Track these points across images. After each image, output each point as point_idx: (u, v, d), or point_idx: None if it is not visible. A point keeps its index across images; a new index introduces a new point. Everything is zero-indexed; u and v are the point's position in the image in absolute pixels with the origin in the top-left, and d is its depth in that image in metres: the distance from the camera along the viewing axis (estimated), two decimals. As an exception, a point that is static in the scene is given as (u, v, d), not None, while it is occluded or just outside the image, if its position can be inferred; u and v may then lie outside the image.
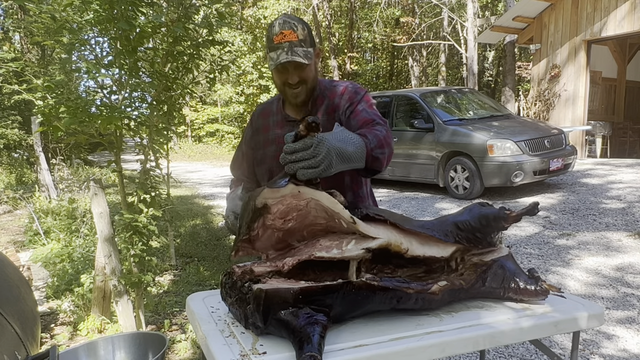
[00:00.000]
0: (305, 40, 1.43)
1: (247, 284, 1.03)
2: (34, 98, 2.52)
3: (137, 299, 2.84)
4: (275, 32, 1.41)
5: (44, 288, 3.92)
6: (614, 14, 8.91)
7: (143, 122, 2.69)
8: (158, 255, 4.67)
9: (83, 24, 2.41)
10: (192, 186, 10.13)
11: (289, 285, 1.01)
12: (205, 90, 18.06)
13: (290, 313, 0.98)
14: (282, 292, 0.99)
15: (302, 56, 1.41)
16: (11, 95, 10.96)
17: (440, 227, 1.25)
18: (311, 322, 0.96)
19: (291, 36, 1.41)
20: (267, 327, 1.00)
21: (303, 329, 0.95)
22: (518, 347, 2.75)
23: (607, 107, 11.25)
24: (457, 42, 17.00)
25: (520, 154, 6.28)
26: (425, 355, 1.03)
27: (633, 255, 4.09)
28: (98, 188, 2.73)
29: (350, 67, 21.50)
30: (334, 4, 21.28)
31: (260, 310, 0.99)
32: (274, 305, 0.99)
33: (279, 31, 1.41)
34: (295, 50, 1.41)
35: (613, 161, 9.01)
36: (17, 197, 7.91)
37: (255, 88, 19.04)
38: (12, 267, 2.22)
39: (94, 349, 2.08)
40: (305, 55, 1.42)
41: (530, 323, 1.15)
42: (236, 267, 1.09)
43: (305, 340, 0.93)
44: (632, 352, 2.64)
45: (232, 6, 18.76)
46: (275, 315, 0.99)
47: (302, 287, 1.00)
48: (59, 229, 5.34)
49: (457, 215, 1.31)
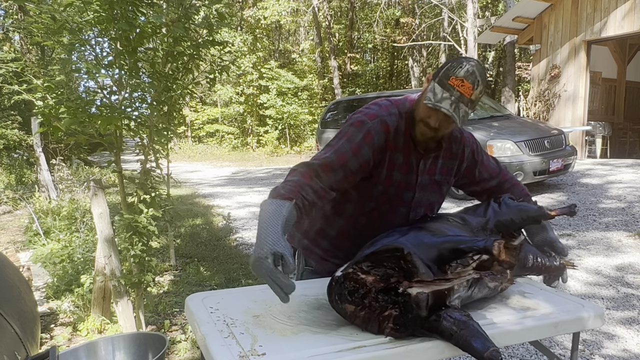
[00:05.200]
0: (473, 102, 1.31)
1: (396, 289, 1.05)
2: (34, 98, 2.52)
3: (137, 299, 2.84)
4: (458, 75, 1.28)
5: (44, 288, 3.91)
6: (614, 15, 8.91)
7: (143, 122, 2.69)
8: (158, 255, 4.67)
9: (83, 24, 2.41)
10: (192, 186, 10.13)
11: (442, 287, 1.04)
12: (205, 91, 18.06)
13: (443, 313, 1.01)
14: (438, 293, 1.02)
15: (460, 118, 1.30)
16: (11, 95, 10.98)
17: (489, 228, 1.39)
18: (465, 317, 1.01)
19: (468, 91, 1.28)
20: (419, 329, 1.02)
21: (465, 325, 0.98)
22: (518, 347, 2.75)
23: (607, 108, 11.24)
24: (457, 43, 17.00)
25: (520, 154, 6.27)
26: (425, 356, 1.02)
27: (633, 255, 4.09)
28: (98, 188, 2.73)
29: (350, 67, 21.50)
30: (334, 4, 21.28)
31: (425, 313, 1.01)
32: (434, 306, 1.01)
33: (463, 77, 1.28)
34: (460, 107, 1.29)
35: (613, 161, 9.00)
36: (17, 198, 7.91)
37: (255, 88, 19.04)
38: (12, 267, 2.22)
39: (94, 349, 2.08)
40: (464, 117, 1.31)
41: (530, 324, 1.15)
42: (352, 273, 1.10)
43: (474, 335, 0.96)
44: (633, 353, 2.63)
45: (232, 7, 18.81)
46: (431, 317, 1.01)
47: (448, 287, 1.03)
48: (59, 229, 5.33)
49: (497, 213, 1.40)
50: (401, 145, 1.43)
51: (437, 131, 1.38)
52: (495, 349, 0.92)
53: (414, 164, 1.46)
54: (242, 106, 19.60)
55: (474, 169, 1.61)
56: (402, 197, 1.47)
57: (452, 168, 1.55)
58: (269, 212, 1.15)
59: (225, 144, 20.46)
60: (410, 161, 1.45)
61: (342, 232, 1.53)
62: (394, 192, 1.46)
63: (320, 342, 1.01)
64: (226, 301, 1.26)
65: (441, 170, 1.52)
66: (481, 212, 1.42)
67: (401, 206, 1.48)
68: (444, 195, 1.58)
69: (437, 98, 1.29)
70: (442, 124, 1.35)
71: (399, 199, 1.47)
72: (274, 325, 1.10)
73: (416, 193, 1.48)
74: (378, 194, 1.45)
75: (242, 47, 17.41)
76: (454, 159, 1.54)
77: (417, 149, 1.45)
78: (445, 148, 1.51)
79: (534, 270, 1.40)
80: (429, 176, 1.50)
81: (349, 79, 21.47)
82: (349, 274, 1.10)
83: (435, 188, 1.53)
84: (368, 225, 1.48)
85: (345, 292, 1.09)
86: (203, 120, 21.43)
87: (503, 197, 1.46)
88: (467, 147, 1.57)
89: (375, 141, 1.39)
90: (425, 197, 1.51)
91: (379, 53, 24.11)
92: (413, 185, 1.47)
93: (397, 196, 1.46)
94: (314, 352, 0.97)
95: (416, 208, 1.51)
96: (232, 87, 19.17)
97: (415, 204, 1.50)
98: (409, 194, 1.48)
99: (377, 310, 1.05)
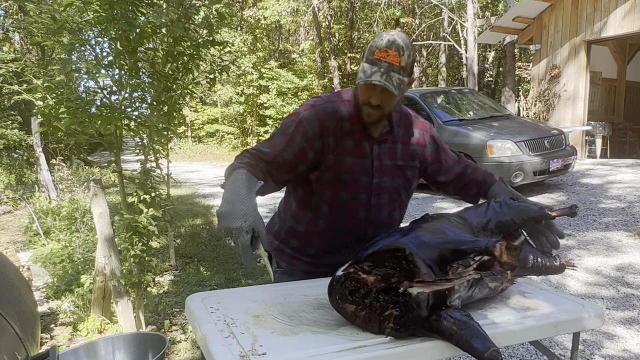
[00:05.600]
0: (405, 69, 1.33)
1: (397, 289, 1.04)
2: (34, 98, 2.52)
3: (137, 299, 2.84)
4: (380, 47, 1.31)
5: (44, 288, 3.91)
6: (614, 15, 8.91)
7: (143, 122, 2.69)
8: (158, 255, 4.67)
9: (83, 24, 2.41)
10: (192, 186, 10.13)
11: (443, 287, 1.03)
12: (205, 91, 18.07)
13: (444, 313, 1.01)
14: (439, 293, 1.01)
15: (394, 85, 1.31)
16: (11, 95, 10.98)
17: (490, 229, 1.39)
18: (465, 317, 1.00)
19: (394, 59, 1.30)
20: (420, 329, 1.02)
21: (466, 325, 0.98)
22: (518, 347, 2.75)
23: (607, 108, 11.25)
24: (457, 43, 17.00)
25: (520, 154, 6.27)
26: (425, 356, 1.02)
27: (633, 255, 4.09)
28: (98, 188, 2.73)
29: (350, 67, 21.50)
30: (334, 4, 21.28)
31: (425, 313, 1.00)
32: (434, 306, 1.01)
33: (385, 48, 1.31)
34: (391, 75, 1.31)
35: (613, 161, 9.00)
36: (17, 198, 7.91)
37: (255, 88, 19.03)
38: (12, 267, 2.22)
39: (94, 349, 2.08)
40: (399, 85, 1.33)
41: (530, 324, 1.15)
42: (353, 272, 1.09)
43: (474, 335, 0.96)
44: (633, 353, 2.63)
45: (232, 7, 18.81)
46: (431, 317, 1.01)
47: (449, 287, 1.03)
48: (59, 229, 5.33)
49: (498, 214, 1.40)
50: (348, 130, 1.45)
51: (381, 108, 1.39)
52: (495, 349, 0.92)
53: (367, 149, 1.47)
54: (242, 106, 19.59)
55: (439, 155, 1.63)
56: (360, 183, 1.47)
57: (415, 153, 1.56)
58: (242, 180, 1.25)
59: (226, 144, 20.46)
60: (362, 146, 1.46)
61: (310, 227, 1.53)
62: (350, 178, 1.46)
63: (321, 342, 1.01)
64: (226, 301, 1.26)
65: (403, 156, 1.53)
66: (482, 212, 1.42)
67: (361, 192, 1.47)
68: (410, 180, 1.57)
69: (367, 74, 1.32)
70: (384, 99, 1.37)
71: (356, 185, 1.47)
72: (275, 325, 1.10)
73: (374, 178, 1.48)
74: (331, 181, 1.46)
75: (242, 47, 17.40)
76: (416, 143, 1.56)
77: (368, 134, 1.47)
78: (403, 133, 1.53)
79: (534, 270, 1.40)
80: (390, 161, 1.50)
81: (349, 79, 21.46)
82: (350, 273, 1.10)
83: (398, 173, 1.52)
84: (331, 215, 1.49)
85: (346, 291, 1.09)
86: (203, 120, 21.43)
87: (504, 197, 1.46)
88: (426, 132, 1.60)
89: (307, 129, 1.42)
90: (386, 182, 1.50)
91: (379, 53, 24.06)
92: (369, 170, 1.47)
93: (354, 182, 1.46)
94: (315, 352, 0.97)
95: (379, 194, 1.49)
96: (232, 87, 19.16)
97: (376, 189, 1.49)
98: (366, 179, 1.47)
99: (377, 310, 1.05)
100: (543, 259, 1.40)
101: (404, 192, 1.57)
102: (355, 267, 1.11)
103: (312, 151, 1.43)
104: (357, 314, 1.07)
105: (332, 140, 1.44)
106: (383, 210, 1.51)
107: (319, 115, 1.44)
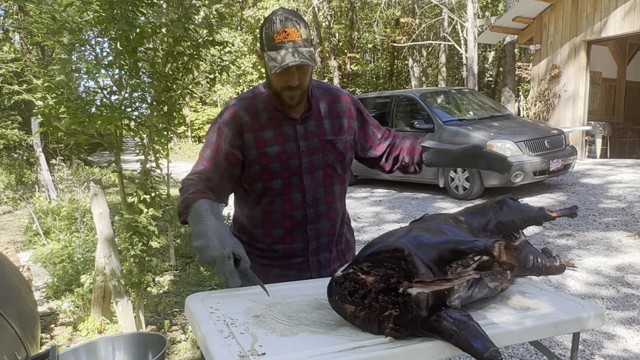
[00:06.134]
0: (308, 40, 1.33)
1: (396, 289, 1.04)
2: (34, 98, 2.52)
3: (137, 299, 2.84)
4: (277, 30, 1.29)
5: (44, 288, 3.92)
6: (614, 15, 8.91)
7: (143, 122, 2.69)
8: (158, 255, 4.67)
9: (83, 24, 2.41)
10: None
11: (442, 287, 1.03)
12: (205, 91, 18.05)
13: (443, 313, 1.01)
14: (439, 293, 1.01)
15: (308, 58, 1.31)
16: (11, 95, 10.98)
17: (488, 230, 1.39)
18: (465, 317, 1.00)
19: (295, 35, 1.29)
20: (419, 329, 1.02)
21: (465, 325, 0.97)
22: (518, 347, 2.75)
23: (607, 108, 11.25)
24: (457, 43, 17.00)
25: (520, 154, 6.28)
26: (425, 356, 1.02)
27: (633, 255, 4.09)
28: (98, 188, 2.73)
29: (350, 67, 21.51)
30: (334, 4, 21.29)
31: (425, 313, 1.00)
32: (434, 306, 1.01)
33: (281, 29, 1.29)
34: (300, 51, 1.30)
35: (613, 161, 9.01)
36: (17, 197, 7.91)
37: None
38: (12, 267, 2.22)
39: (94, 349, 2.08)
40: (311, 56, 1.32)
41: (530, 324, 1.14)
42: (352, 273, 1.09)
43: (474, 335, 0.96)
44: (633, 353, 2.63)
45: (232, 7, 18.80)
46: (431, 317, 1.01)
47: (448, 287, 1.03)
48: (59, 229, 5.34)
49: (498, 214, 1.40)
50: (266, 121, 1.46)
51: (301, 86, 1.39)
52: (495, 349, 0.92)
53: (291, 132, 1.47)
54: (242, 106, 19.56)
55: (367, 128, 1.62)
56: (289, 167, 1.47)
57: (343, 126, 1.55)
58: (206, 209, 1.27)
59: (225, 144, 20.45)
60: (284, 131, 1.47)
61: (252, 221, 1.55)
62: (279, 166, 1.46)
63: (320, 342, 1.01)
64: (226, 301, 1.26)
65: (332, 131, 1.52)
66: (482, 212, 1.42)
67: (292, 176, 1.48)
68: (343, 153, 1.55)
69: (279, 60, 1.30)
70: (301, 77, 1.36)
71: (286, 171, 1.47)
72: (274, 325, 1.10)
73: (303, 158, 1.48)
74: (259, 174, 1.47)
75: (242, 47, 17.41)
76: (343, 117, 1.55)
77: (288, 118, 1.47)
78: (330, 108, 1.53)
79: (534, 270, 1.40)
80: (318, 138, 1.50)
81: (349, 79, 21.48)
82: (349, 274, 1.10)
83: (329, 148, 1.51)
84: (268, 205, 1.50)
85: (345, 292, 1.09)
86: (203, 120, 21.44)
87: (504, 197, 1.46)
88: (352, 105, 1.59)
89: (226, 133, 1.45)
90: (318, 159, 1.50)
91: (379, 53, 24.12)
92: (296, 152, 1.47)
93: (283, 168, 1.46)
94: (314, 352, 0.97)
95: (311, 173, 1.50)
96: (232, 87, 19.17)
97: (307, 169, 1.49)
98: (294, 161, 1.47)
99: (377, 311, 1.05)
100: (543, 259, 1.40)
101: (339, 165, 1.56)
102: (354, 268, 1.11)
103: (238, 150, 1.45)
104: (357, 315, 1.07)
105: (252, 136, 1.45)
106: (319, 188, 1.52)
107: (234, 114, 1.46)
